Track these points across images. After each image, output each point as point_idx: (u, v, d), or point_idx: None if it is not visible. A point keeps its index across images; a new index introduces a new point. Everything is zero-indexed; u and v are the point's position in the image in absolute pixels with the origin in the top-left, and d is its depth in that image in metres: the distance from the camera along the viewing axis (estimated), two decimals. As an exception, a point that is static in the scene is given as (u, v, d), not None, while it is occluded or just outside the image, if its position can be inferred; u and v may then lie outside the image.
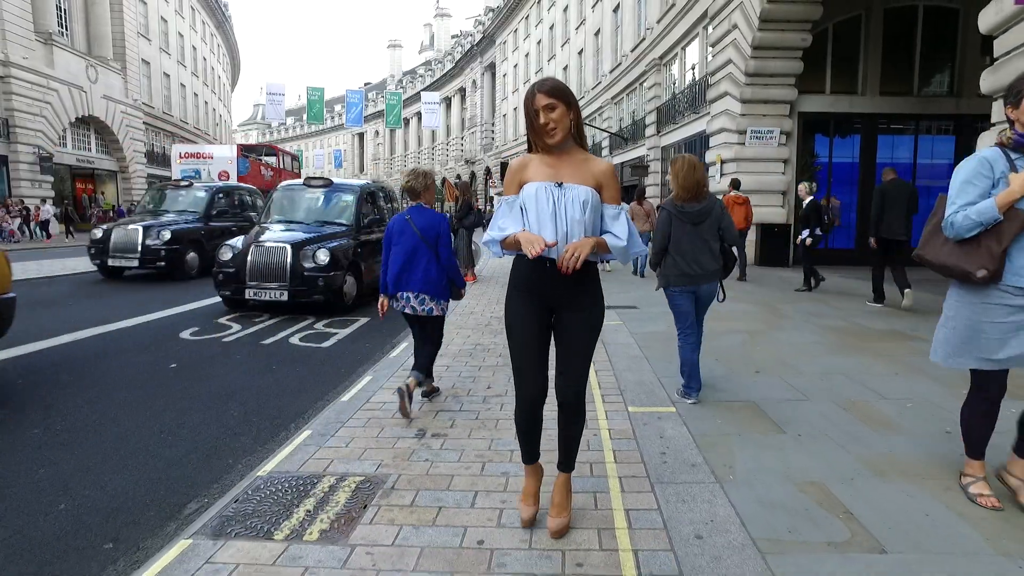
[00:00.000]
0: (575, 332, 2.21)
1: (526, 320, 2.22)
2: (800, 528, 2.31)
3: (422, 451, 3.07)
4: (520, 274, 2.24)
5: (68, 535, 2.45)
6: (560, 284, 2.14)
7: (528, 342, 2.22)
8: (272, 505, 2.51)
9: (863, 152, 13.97)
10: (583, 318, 2.21)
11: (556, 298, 2.20)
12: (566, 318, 2.22)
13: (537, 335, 2.23)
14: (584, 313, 2.22)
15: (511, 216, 2.18)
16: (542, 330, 2.24)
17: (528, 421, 2.29)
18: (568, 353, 2.22)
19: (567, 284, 2.14)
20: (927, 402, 3.81)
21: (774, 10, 11.84)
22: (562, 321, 2.23)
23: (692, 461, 2.91)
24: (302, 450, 3.08)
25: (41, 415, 3.79)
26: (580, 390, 2.25)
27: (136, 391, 4.30)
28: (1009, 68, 5.71)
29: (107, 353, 5.35)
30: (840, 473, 2.78)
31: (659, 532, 2.27)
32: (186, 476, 2.99)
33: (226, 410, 3.94)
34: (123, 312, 7.24)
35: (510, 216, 2.18)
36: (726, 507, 2.46)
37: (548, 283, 2.16)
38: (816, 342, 5.57)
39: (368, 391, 4.06)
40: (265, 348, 5.64)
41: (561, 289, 2.17)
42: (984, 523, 2.35)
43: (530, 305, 2.22)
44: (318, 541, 2.24)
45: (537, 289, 2.20)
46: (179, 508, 2.67)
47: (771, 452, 3.03)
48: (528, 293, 2.22)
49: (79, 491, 2.81)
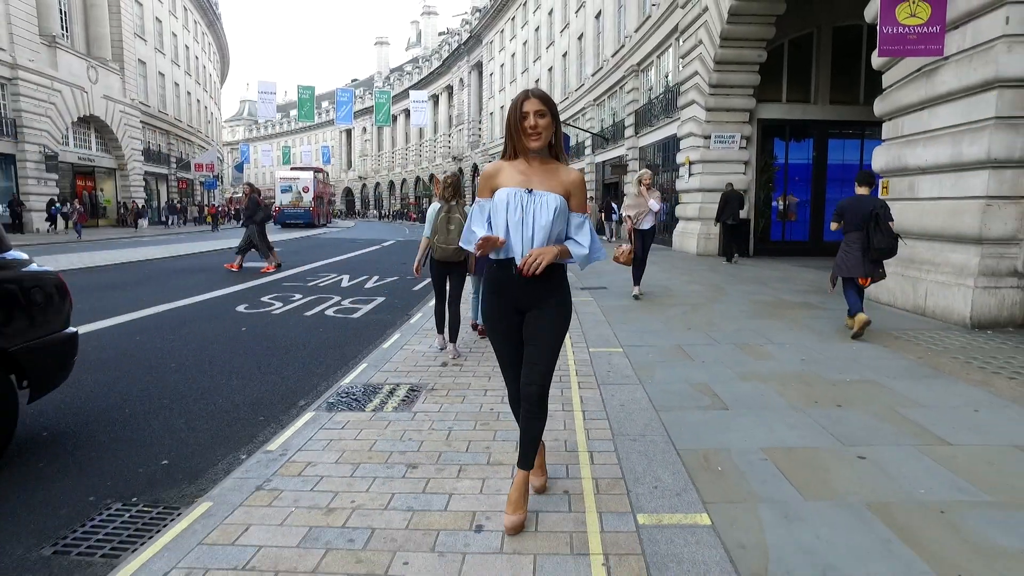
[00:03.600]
0: (540, 330, 2.32)
1: (500, 321, 2.38)
2: (683, 402, 3.83)
3: (447, 372, 4.55)
4: (491, 277, 2.38)
5: (232, 413, 3.90)
6: (526, 286, 2.28)
7: (503, 342, 2.40)
8: (358, 397, 3.98)
9: (816, 155, 15.63)
10: (549, 317, 2.32)
11: (523, 299, 2.32)
12: (533, 316, 2.34)
13: (510, 335, 2.38)
14: (550, 312, 2.32)
15: (483, 219, 2.33)
16: (514, 330, 2.37)
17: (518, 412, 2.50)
18: (534, 349, 2.33)
19: (533, 286, 2.28)
20: (800, 345, 5.36)
21: (733, 30, 13.39)
22: (529, 321, 2.35)
23: (627, 375, 4.42)
24: (365, 373, 4.54)
25: (169, 358, 5.21)
26: (544, 385, 2.33)
27: (225, 344, 5.73)
28: (895, 97, 7.29)
29: (187, 321, 6.77)
30: (719, 379, 4.31)
31: (599, 405, 3.77)
32: (291, 388, 4.44)
33: (299, 355, 5.39)
34: (177, 295, 8.64)
35: (482, 219, 2.33)
36: (642, 393, 3.97)
37: (515, 285, 2.29)
38: (742, 311, 7.12)
39: (400, 342, 5.54)
40: (309, 318, 7.09)
41: (527, 291, 2.30)
42: (789, 390, 3.88)
43: (501, 307, 2.36)
44: (393, 411, 3.71)
45: (506, 291, 2.33)
46: (293, 403, 4.12)
47: (680, 371, 4.55)
48: (499, 295, 2.36)
49: (226, 396, 4.25)
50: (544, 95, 2.25)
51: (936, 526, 2.33)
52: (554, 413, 3.53)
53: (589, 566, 2.09)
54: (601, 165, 27.03)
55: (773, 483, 2.71)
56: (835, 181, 15.31)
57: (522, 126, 2.22)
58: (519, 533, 2.29)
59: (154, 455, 3.25)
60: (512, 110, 2.24)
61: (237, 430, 3.63)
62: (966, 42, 5.92)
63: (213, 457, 3.23)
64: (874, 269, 5.56)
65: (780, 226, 15.91)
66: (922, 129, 6.75)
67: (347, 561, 2.13)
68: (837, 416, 3.56)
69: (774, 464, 2.89)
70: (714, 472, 2.81)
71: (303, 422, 3.53)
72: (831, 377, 4.36)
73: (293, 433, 3.33)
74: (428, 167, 65.22)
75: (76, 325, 3.62)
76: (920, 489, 2.64)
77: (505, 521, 2.31)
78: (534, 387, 2.31)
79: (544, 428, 2.42)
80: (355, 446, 3.16)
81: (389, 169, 76.78)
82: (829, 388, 4.10)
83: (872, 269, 5.55)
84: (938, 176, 6.52)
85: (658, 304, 7.50)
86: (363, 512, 2.47)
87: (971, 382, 4.22)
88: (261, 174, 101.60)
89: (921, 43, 6.12)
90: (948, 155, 6.25)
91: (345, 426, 3.45)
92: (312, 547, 2.22)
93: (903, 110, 7.09)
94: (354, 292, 9.19)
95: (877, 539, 2.25)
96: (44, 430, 3.58)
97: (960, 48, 6.00)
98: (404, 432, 3.35)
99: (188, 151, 43.88)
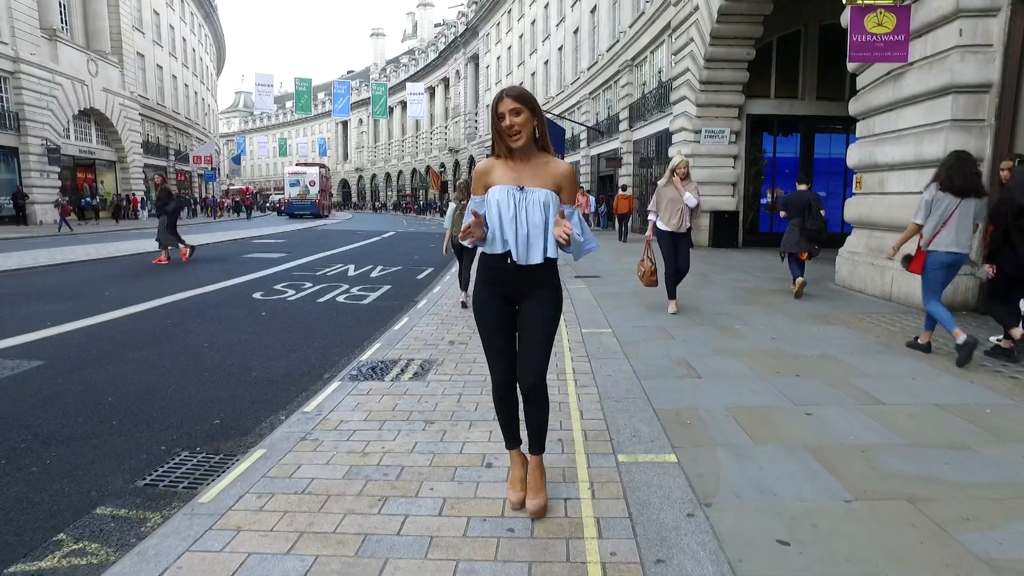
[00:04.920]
0: (535, 323, 2.36)
1: (491, 311, 2.40)
2: (663, 373, 4.38)
3: (454, 350, 5.10)
4: (485, 269, 2.41)
5: (267, 384, 4.43)
6: (520, 278, 2.34)
7: (494, 332, 2.42)
8: (377, 369, 4.52)
9: (803, 149, 16.20)
10: (542, 310, 2.37)
11: (517, 291, 2.37)
12: (526, 309, 2.38)
13: (502, 325, 2.41)
14: (544, 305, 2.37)
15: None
16: (507, 320, 2.41)
17: (503, 402, 2.49)
18: (528, 343, 2.37)
19: (527, 278, 2.34)
20: (773, 326, 5.93)
21: (722, 29, 13.88)
22: (523, 312, 2.39)
23: (614, 351, 4.97)
24: (380, 351, 5.08)
25: (202, 339, 5.73)
26: (540, 377, 2.38)
27: (251, 327, 6.27)
28: (867, 98, 7.83)
29: (210, 306, 7.30)
30: (696, 354, 4.87)
31: (589, 376, 4.32)
32: (314, 363, 4.98)
33: (318, 336, 5.92)
34: (194, 283, 9.15)
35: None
36: (627, 366, 4.52)
37: (509, 278, 2.35)
38: (724, 296, 7.68)
39: (409, 324, 6.08)
40: (321, 304, 7.63)
41: (521, 283, 2.35)
42: (756, 363, 4.44)
43: (494, 297, 2.40)
44: (409, 380, 4.26)
45: (500, 283, 2.37)
46: (319, 375, 4.65)
47: (662, 347, 5.11)
48: (492, 286, 2.40)
49: (259, 370, 4.79)
50: (519, 93, 2.26)
51: (856, 461, 2.90)
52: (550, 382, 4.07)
53: (578, 489, 2.64)
54: (596, 158, 27.52)
55: (731, 433, 3.26)
56: (822, 174, 15.84)
57: (501, 128, 2.25)
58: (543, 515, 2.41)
59: (206, 416, 3.79)
60: (491, 114, 2.30)
61: (274, 396, 4.17)
62: (927, 50, 6.45)
63: (257, 418, 3.77)
64: (810, 246, 7.18)
65: (768, 218, 16.47)
66: (891, 128, 7.30)
67: (384, 487, 2.68)
68: (794, 383, 4.12)
69: (734, 419, 3.45)
70: (683, 425, 3.37)
71: (331, 390, 4.07)
72: (795, 352, 4.93)
73: (324, 398, 3.87)
74: (424, 159, 65.51)
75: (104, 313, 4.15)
76: (850, 436, 3.20)
77: (528, 506, 2.40)
78: (533, 377, 2.36)
79: (548, 415, 2.49)
80: (379, 407, 3.70)
81: (385, 161, 77.02)
82: (792, 361, 4.67)
83: (808, 246, 7.18)
84: (904, 172, 7.07)
85: (646, 292, 8.04)
86: (393, 455, 3.02)
87: (915, 356, 4.80)
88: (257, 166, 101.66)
89: (888, 50, 6.65)
90: (912, 153, 6.80)
91: (369, 392, 3.99)
92: (355, 478, 2.77)
93: (874, 110, 7.64)
94: (361, 281, 9.73)
95: (808, 470, 2.81)
96: (108, 396, 4.11)
97: (922, 55, 6.54)
98: (420, 397, 3.90)
99: (186, 143, 44.14)
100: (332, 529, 2.33)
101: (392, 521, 2.39)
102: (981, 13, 5.91)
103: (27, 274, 10.39)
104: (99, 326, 6.09)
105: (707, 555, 2.14)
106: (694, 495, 2.57)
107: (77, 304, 7.23)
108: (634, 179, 22.56)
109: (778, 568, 2.08)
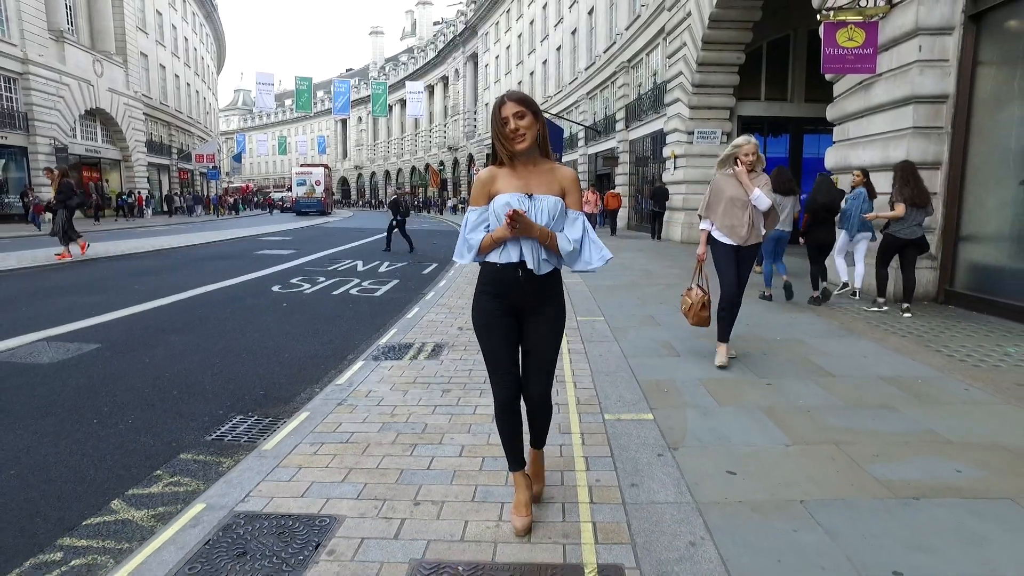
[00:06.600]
0: (545, 342, 2.34)
1: (499, 325, 2.33)
2: (647, 352, 4.99)
3: (463, 335, 5.70)
4: (489, 278, 2.32)
5: (298, 363, 5.03)
6: (529, 290, 2.28)
7: (500, 346, 2.34)
8: (396, 350, 5.13)
9: (792, 150, 16.82)
10: (549, 325, 2.34)
11: (524, 303, 2.31)
12: (532, 324, 2.34)
13: (508, 340, 2.34)
14: (550, 321, 2.35)
15: (479, 226, 2.29)
16: (513, 334, 2.35)
17: (507, 420, 2.39)
18: (539, 361, 2.36)
19: (535, 290, 2.29)
20: (750, 314, 6.52)
21: (713, 34, 14.47)
22: (528, 327, 2.35)
23: (605, 335, 5.58)
24: (396, 336, 5.69)
25: (232, 326, 6.33)
26: (546, 392, 2.39)
27: (275, 315, 6.87)
28: (842, 105, 8.43)
29: (234, 298, 7.90)
30: (678, 338, 5.48)
31: (582, 355, 4.92)
32: (338, 347, 5.58)
33: (337, 323, 6.52)
34: (215, 278, 9.75)
35: (481, 227, 2.29)
36: (616, 347, 5.13)
37: (518, 288, 2.27)
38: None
39: (420, 313, 6.68)
40: (337, 296, 8.23)
41: (529, 295, 2.30)
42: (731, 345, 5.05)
43: (499, 308, 2.32)
44: (425, 359, 4.86)
45: (506, 293, 2.30)
46: (343, 356, 5.25)
47: (648, 332, 5.72)
48: (496, 297, 2.31)
49: (289, 352, 5.38)
50: (521, 96, 2.23)
51: (801, 419, 3.51)
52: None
53: (571, 438, 3.26)
54: (594, 156, 28.12)
55: (701, 398, 3.88)
56: (810, 174, 16.37)
57: (504, 131, 2.22)
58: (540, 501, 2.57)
59: (252, 388, 4.40)
60: (492, 119, 2.26)
61: (308, 373, 4.77)
62: (892, 63, 7.06)
63: (296, 389, 4.38)
64: None
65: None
66: (863, 134, 7.90)
67: (413, 438, 3.28)
68: (762, 360, 4.74)
69: (705, 388, 4.06)
70: (661, 392, 3.98)
71: (357, 367, 4.67)
72: (766, 336, 5.54)
73: (352, 373, 4.48)
74: (424, 157, 66.07)
75: (138, 304, 4.74)
76: (800, 400, 3.82)
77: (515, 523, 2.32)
78: (536, 394, 2.37)
79: (551, 416, 2.50)
80: (402, 380, 4.31)
81: (385, 159, 77.53)
82: (761, 343, 5.28)
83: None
84: (873, 176, 7.67)
85: (638, 286, 8.67)
86: (417, 415, 3.63)
87: (871, 339, 5.42)
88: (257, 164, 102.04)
89: (858, 62, 7.25)
90: (880, 157, 7.41)
91: (391, 369, 4.60)
92: (388, 431, 3.37)
93: (848, 117, 8.24)
94: (370, 275, 10.34)
95: (759, 425, 3.42)
96: (164, 372, 4.71)
97: (888, 67, 7.14)
98: (436, 371, 4.51)
99: (188, 142, 44.65)
100: (375, 466, 2.94)
101: (422, 460, 3.00)
102: (938, 31, 6.52)
103: (48, 272, 10.97)
104: (137, 315, 6.68)
105: (671, 481, 2.75)
106: (664, 441, 3.18)
107: (109, 297, 7.83)
108: (629, 177, 23.17)
109: (724, 489, 2.69)
